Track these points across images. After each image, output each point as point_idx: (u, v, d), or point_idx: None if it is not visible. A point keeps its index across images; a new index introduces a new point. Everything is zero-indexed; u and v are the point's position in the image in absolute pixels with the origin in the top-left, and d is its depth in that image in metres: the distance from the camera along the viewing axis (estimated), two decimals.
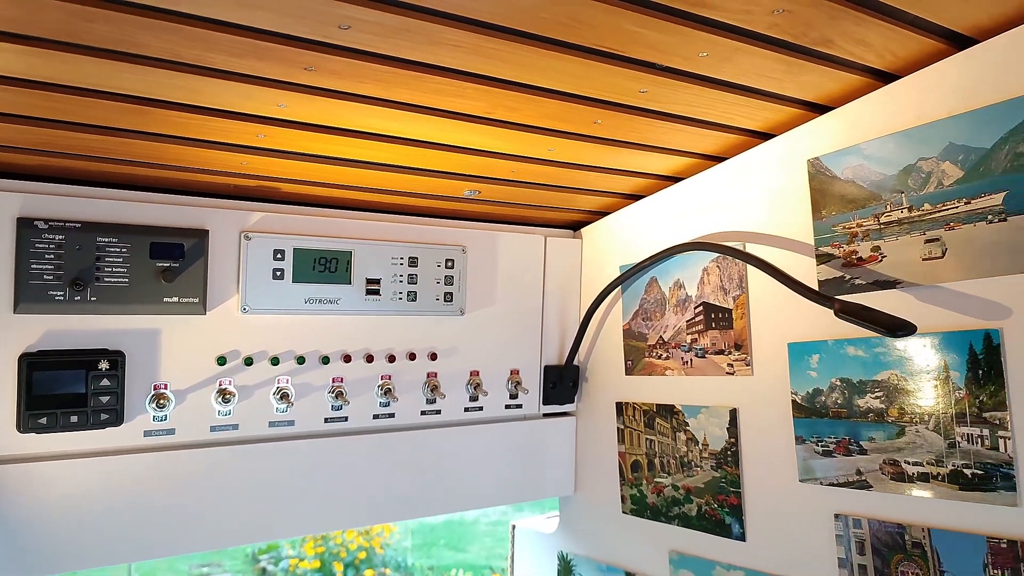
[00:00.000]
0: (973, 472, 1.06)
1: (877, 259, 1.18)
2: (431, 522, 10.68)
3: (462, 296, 1.58)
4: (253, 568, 9.09)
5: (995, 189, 1.05)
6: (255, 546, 9.41)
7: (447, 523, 10.60)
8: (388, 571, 8.01)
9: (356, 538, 8.17)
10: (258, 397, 1.36)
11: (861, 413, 1.20)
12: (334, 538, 8.10)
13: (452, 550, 9.72)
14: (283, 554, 8.76)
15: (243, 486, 1.35)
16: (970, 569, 1.05)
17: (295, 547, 8.45)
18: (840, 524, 1.22)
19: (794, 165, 1.31)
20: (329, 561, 7.93)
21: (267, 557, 9.04)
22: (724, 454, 1.41)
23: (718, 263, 1.45)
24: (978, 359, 1.06)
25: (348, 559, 8.00)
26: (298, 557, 8.16)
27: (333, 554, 8.01)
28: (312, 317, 1.41)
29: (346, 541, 8.10)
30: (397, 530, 9.05)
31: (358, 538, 8.18)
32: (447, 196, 1.53)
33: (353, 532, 8.23)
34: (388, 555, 8.45)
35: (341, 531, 8.15)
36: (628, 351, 1.64)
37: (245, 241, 1.34)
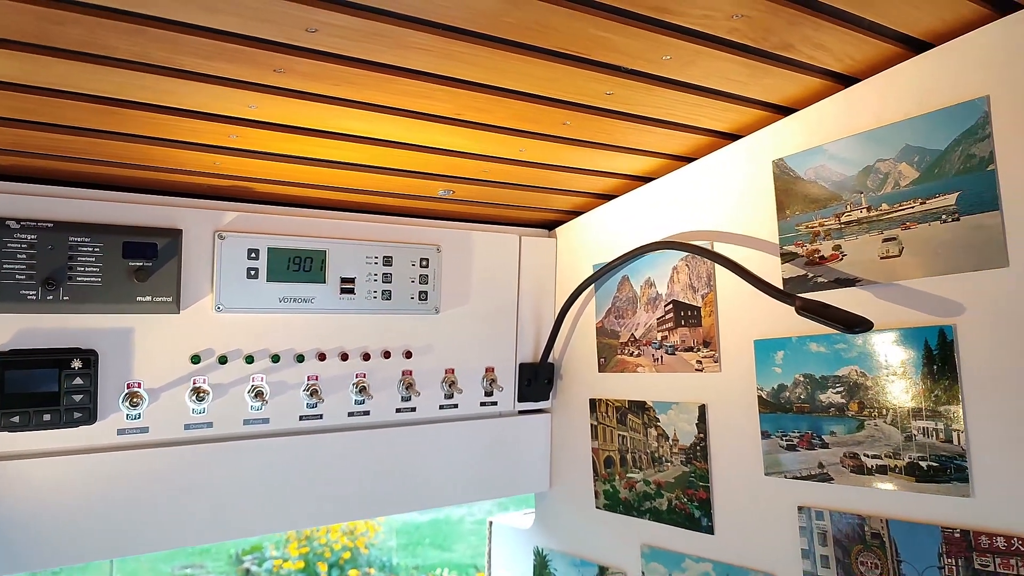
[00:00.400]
0: (928, 464, 1.09)
1: (838, 257, 1.21)
2: (416, 521, 10.67)
3: (437, 295, 1.59)
4: (237, 569, 9.04)
5: (949, 189, 1.08)
6: (239, 547, 9.37)
7: (432, 522, 10.60)
8: (373, 571, 8.00)
9: (341, 538, 8.15)
10: (233, 395, 1.37)
11: (823, 408, 1.23)
12: (318, 538, 8.09)
13: (437, 549, 9.72)
14: (267, 555, 8.72)
15: (218, 483, 1.36)
16: (925, 559, 1.09)
17: (279, 548, 8.42)
18: (803, 516, 1.25)
19: (760, 166, 1.34)
20: (313, 562, 7.92)
21: (251, 558, 9.00)
22: (693, 449, 1.44)
23: (687, 262, 1.48)
24: (933, 355, 1.09)
25: (332, 559, 7.98)
26: (282, 558, 8.13)
27: (317, 554, 7.99)
28: (287, 316, 1.43)
29: (330, 541, 8.08)
30: (382, 530, 9.04)
31: (343, 538, 8.17)
32: (421, 196, 1.55)
33: (337, 532, 8.21)
34: (373, 555, 8.43)
35: (323, 530, 8.13)
36: (601, 349, 1.66)
37: (219, 240, 1.35)
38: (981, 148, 1.05)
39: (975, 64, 1.05)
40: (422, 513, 11.13)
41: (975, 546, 1.03)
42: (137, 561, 9.38)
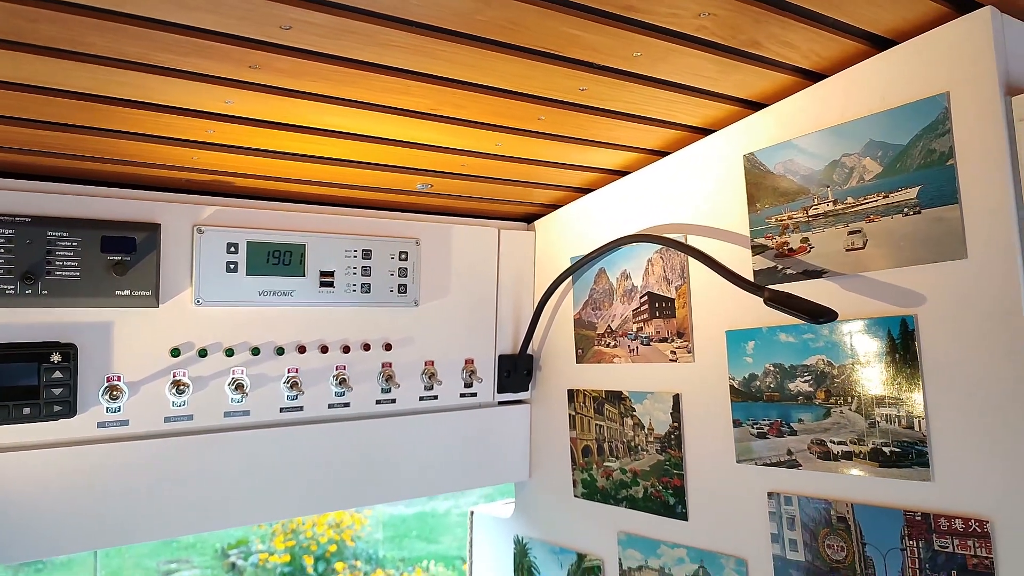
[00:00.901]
0: (891, 450, 1.13)
1: (806, 250, 1.25)
2: (403, 513, 10.69)
3: (416, 287, 1.61)
4: (222, 563, 9.03)
5: (910, 183, 1.11)
6: (224, 541, 9.35)
7: (419, 515, 10.62)
8: (359, 563, 8.02)
9: (327, 531, 8.16)
10: (213, 388, 1.39)
11: (792, 396, 1.26)
12: (304, 531, 8.09)
13: (424, 541, 9.75)
14: (253, 549, 8.71)
15: (199, 475, 1.37)
16: (888, 541, 1.12)
17: (265, 542, 8.42)
18: (773, 502, 1.28)
19: (731, 160, 1.36)
20: (299, 555, 7.92)
21: (236, 552, 8.99)
22: (668, 438, 1.47)
23: (662, 254, 1.50)
24: (895, 344, 1.13)
25: (319, 552, 7.99)
26: (268, 551, 8.13)
27: (303, 547, 7.99)
28: (266, 309, 1.44)
29: (316, 534, 8.08)
30: (368, 522, 9.05)
31: (328, 531, 8.17)
32: (400, 189, 1.57)
33: (323, 525, 8.22)
34: (359, 547, 8.45)
35: (309, 523, 8.14)
36: (579, 340, 1.69)
37: (198, 235, 1.36)
38: (941, 143, 1.08)
39: (936, 61, 1.08)
40: (408, 506, 11.16)
41: (935, 528, 1.07)
42: (121, 557, 9.36)
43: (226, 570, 8.81)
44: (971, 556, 1.03)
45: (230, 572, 8.71)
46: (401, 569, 7.93)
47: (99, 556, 7.81)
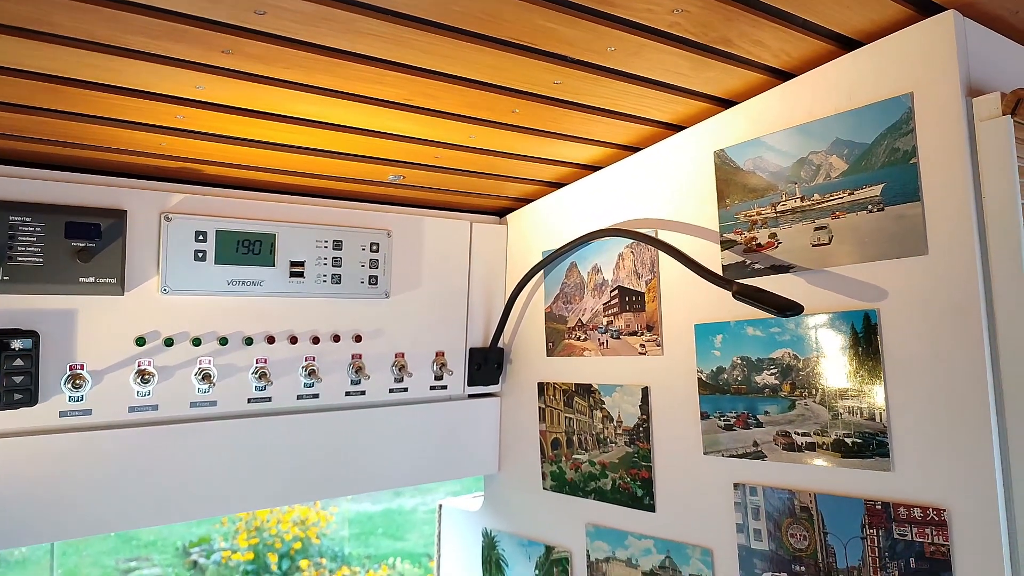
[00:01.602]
0: (853, 441, 1.15)
1: (774, 245, 1.27)
2: (369, 511, 10.63)
3: (387, 279, 1.61)
4: (184, 562, 8.89)
5: (875, 181, 1.14)
6: (185, 539, 9.21)
7: (386, 512, 10.57)
8: (324, 561, 7.95)
9: (292, 528, 8.07)
10: (179, 378, 1.37)
11: (758, 389, 1.29)
12: (268, 529, 7.99)
13: (391, 539, 9.70)
14: (215, 547, 8.59)
15: (163, 466, 1.35)
16: (849, 529, 1.15)
17: (228, 539, 8.30)
18: (739, 493, 1.31)
19: (702, 156, 1.38)
20: (263, 552, 7.82)
21: (198, 550, 8.85)
22: (637, 430, 1.49)
23: (632, 249, 1.52)
24: (858, 337, 1.15)
25: (283, 550, 7.90)
26: (231, 549, 8.03)
27: (268, 545, 7.90)
28: (235, 299, 1.43)
29: (281, 532, 8.00)
30: (334, 519, 8.98)
31: (293, 528, 8.09)
32: (372, 180, 1.56)
33: (288, 522, 8.13)
34: (324, 545, 8.37)
35: (274, 520, 8.05)
36: (549, 333, 1.70)
37: (165, 222, 1.34)
38: (905, 142, 1.11)
39: (900, 63, 1.11)
40: (375, 503, 11.10)
41: (894, 517, 1.10)
42: (78, 554, 9.15)
43: (188, 568, 8.68)
44: (929, 544, 1.06)
45: (192, 570, 8.58)
46: (367, 567, 7.88)
47: (56, 554, 7.64)
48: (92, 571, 8.61)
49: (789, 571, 1.23)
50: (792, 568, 1.22)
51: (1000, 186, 1.03)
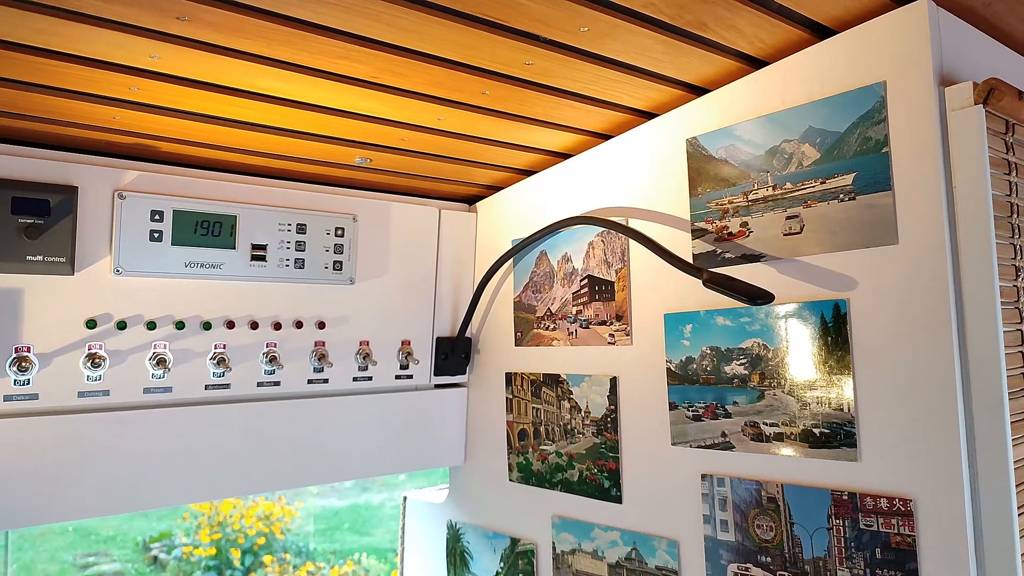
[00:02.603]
0: (821, 431, 1.15)
1: (745, 234, 1.26)
2: (335, 506, 10.52)
3: (352, 265, 1.57)
4: (144, 557, 8.71)
5: (847, 170, 1.13)
6: (145, 534, 9.03)
7: (352, 507, 10.47)
8: (288, 556, 7.84)
9: (255, 523, 7.95)
10: (132, 362, 1.32)
11: (727, 379, 1.27)
12: (231, 524, 7.86)
13: (356, 534, 9.61)
14: (176, 542, 8.43)
15: (115, 454, 1.30)
16: (816, 520, 1.14)
17: (189, 535, 8.15)
18: (706, 483, 1.29)
19: (674, 144, 1.37)
20: (226, 548, 7.69)
21: (159, 545, 8.68)
22: (604, 421, 1.47)
23: (603, 237, 1.50)
24: (828, 327, 1.14)
25: (246, 545, 7.78)
26: (192, 544, 7.88)
27: (230, 540, 7.77)
28: (193, 282, 1.37)
29: (244, 527, 7.87)
30: (299, 515, 8.87)
31: (257, 523, 7.96)
32: (337, 163, 1.52)
33: (252, 517, 8.00)
34: (289, 540, 8.26)
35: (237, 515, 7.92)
36: (518, 323, 1.67)
37: (119, 200, 1.29)
38: (877, 131, 1.10)
39: (873, 51, 1.10)
40: (341, 497, 10.99)
41: (861, 507, 1.09)
42: (35, 549, 8.93)
43: (148, 564, 8.51)
44: (895, 534, 1.06)
45: (152, 566, 8.42)
46: (332, 562, 7.80)
47: (11, 548, 7.44)
48: (49, 566, 8.40)
49: (755, 562, 1.22)
50: (758, 559, 1.21)
51: (971, 176, 1.03)
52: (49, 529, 9.59)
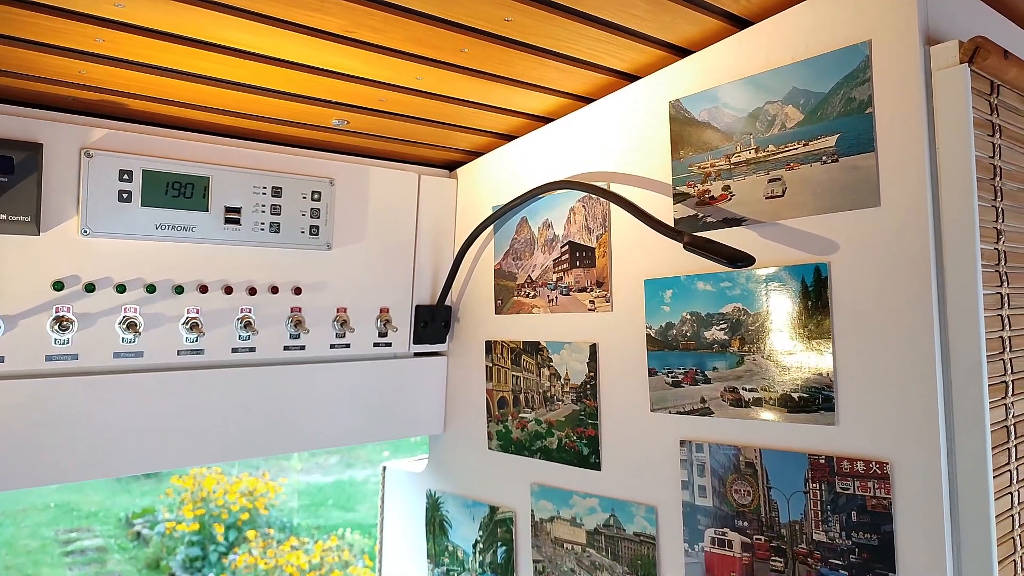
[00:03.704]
0: (799, 396, 1.14)
1: (727, 198, 1.24)
2: (320, 482, 10.54)
3: (329, 230, 1.54)
4: (127, 533, 8.70)
5: (830, 132, 1.12)
6: (128, 510, 9.01)
7: (337, 483, 10.50)
8: (272, 531, 7.86)
9: (239, 499, 7.95)
10: (101, 326, 1.28)
11: (707, 345, 1.26)
12: (215, 499, 7.86)
13: (341, 510, 9.65)
14: (159, 517, 8.42)
15: (85, 419, 1.27)
16: (793, 484, 1.14)
17: (172, 510, 8.14)
18: (685, 450, 1.29)
19: (657, 107, 1.34)
20: (209, 523, 7.69)
21: (142, 521, 8.68)
22: (584, 388, 1.46)
23: (584, 203, 1.48)
24: (808, 291, 1.13)
25: (230, 521, 7.78)
26: (176, 520, 7.88)
27: (214, 516, 7.77)
28: (164, 244, 1.34)
29: (228, 502, 7.87)
30: (283, 491, 8.88)
31: (241, 499, 7.97)
32: (314, 125, 1.48)
33: (236, 493, 8.00)
34: (273, 516, 8.28)
35: (220, 491, 7.92)
36: (498, 290, 1.65)
37: (86, 159, 1.25)
38: (861, 92, 1.08)
39: (858, 10, 1.08)
40: (326, 474, 11.02)
41: (837, 470, 1.09)
42: (16, 526, 8.89)
43: (131, 539, 8.50)
44: (871, 497, 1.06)
45: (135, 541, 8.42)
46: (316, 537, 7.82)
47: None
48: (31, 542, 8.37)
49: (732, 526, 1.21)
50: (735, 523, 1.21)
51: (955, 137, 1.01)
52: (31, 505, 9.54)
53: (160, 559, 7.74)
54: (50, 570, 7.72)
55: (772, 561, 1.16)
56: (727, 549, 1.23)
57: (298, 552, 6.63)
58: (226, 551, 7.42)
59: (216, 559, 7.39)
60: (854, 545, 1.07)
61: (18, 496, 9.60)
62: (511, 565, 1.59)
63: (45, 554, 8.18)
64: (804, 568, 1.12)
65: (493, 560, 1.63)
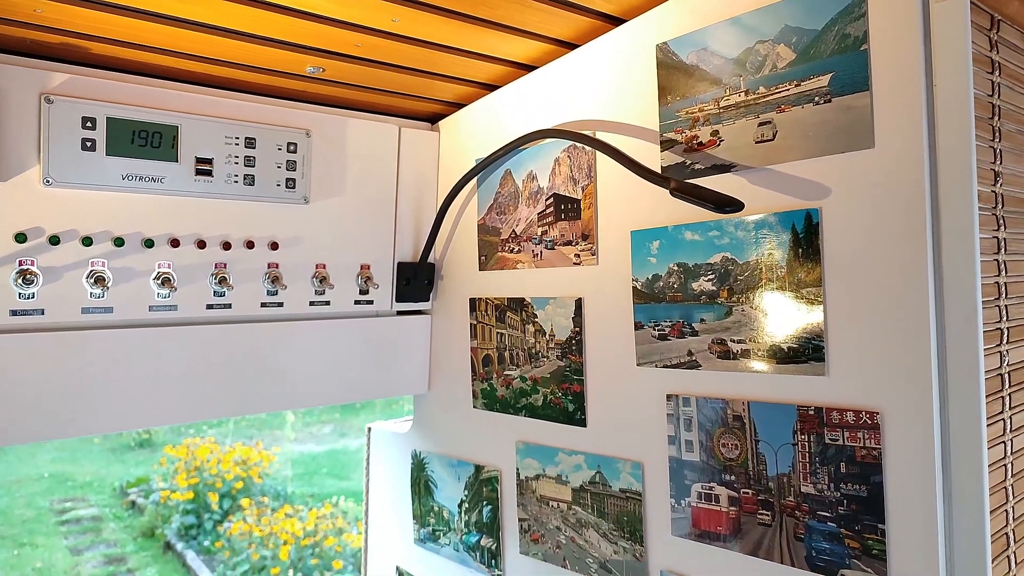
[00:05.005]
0: (789, 346, 1.11)
1: (716, 143, 1.19)
2: (313, 451, 10.59)
3: (306, 183, 1.49)
4: (122, 502, 8.74)
5: (823, 71, 1.07)
6: (122, 480, 9.04)
7: (330, 452, 10.54)
8: (266, 499, 7.89)
9: (233, 468, 7.98)
10: (68, 280, 1.24)
11: (695, 296, 1.23)
12: (208, 468, 7.88)
13: (335, 478, 9.70)
14: (154, 487, 8.45)
15: (51, 377, 1.23)
16: (781, 436, 1.11)
17: (167, 479, 8.17)
18: (672, 404, 1.26)
19: (643, 51, 1.29)
20: (204, 492, 7.72)
21: (136, 490, 8.71)
22: (569, 343, 1.42)
23: (569, 153, 1.43)
24: (799, 238, 1.10)
25: (224, 489, 7.81)
26: (170, 489, 7.90)
27: (208, 485, 7.80)
28: (131, 195, 1.29)
29: (222, 471, 7.90)
30: (276, 459, 8.91)
31: (235, 468, 8.00)
32: (287, 72, 1.42)
33: (229, 462, 8.03)
34: (267, 484, 8.32)
35: (214, 460, 7.94)
36: (482, 246, 1.61)
37: (46, 104, 1.19)
38: (855, 28, 1.03)
39: None
40: (319, 443, 11.06)
41: (827, 422, 1.06)
42: (11, 496, 8.91)
43: (126, 508, 8.54)
44: (860, 448, 1.03)
45: (130, 510, 8.45)
46: (310, 505, 7.86)
47: None
48: (26, 512, 8.40)
49: (719, 481, 1.19)
50: (722, 477, 1.19)
51: (953, 73, 0.97)
52: (25, 476, 9.56)
53: (155, 527, 7.79)
54: (45, 539, 7.75)
55: (759, 514, 1.14)
56: (714, 503, 1.20)
57: (292, 520, 6.66)
58: (221, 519, 7.46)
59: (211, 527, 7.43)
60: (843, 497, 1.05)
61: (12, 466, 9.61)
62: (496, 524, 1.57)
63: (40, 523, 8.22)
64: (791, 521, 1.10)
65: (479, 519, 1.61)
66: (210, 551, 7.03)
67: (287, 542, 6.24)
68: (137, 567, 7.08)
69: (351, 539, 6.42)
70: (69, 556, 7.26)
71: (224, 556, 6.61)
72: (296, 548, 6.19)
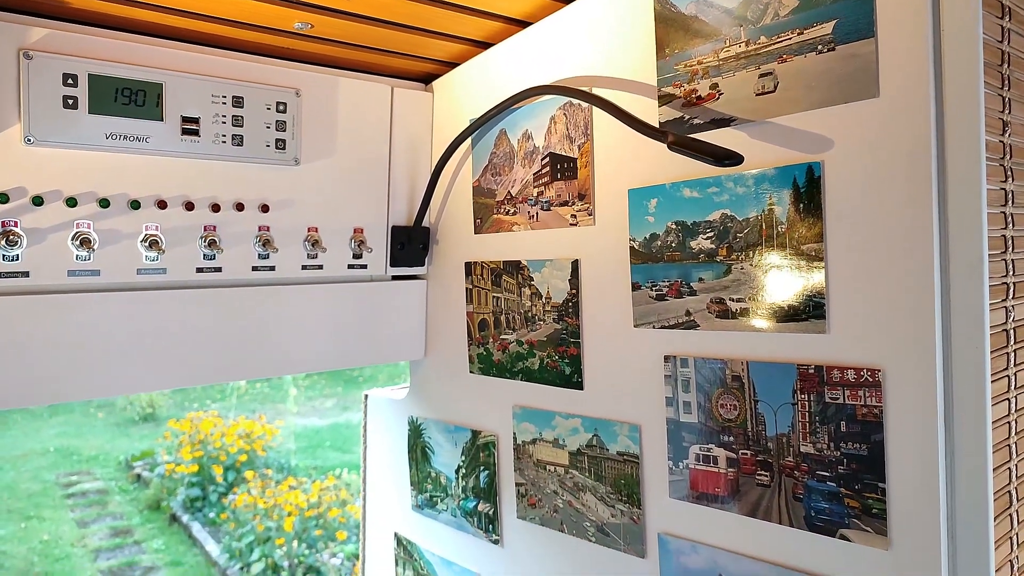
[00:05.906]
0: (789, 304, 1.08)
1: (715, 97, 1.16)
2: (316, 425, 10.65)
3: (297, 144, 1.45)
4: (127, 475, 8.81)
5: (827, 18, 1.03)
6: (127, 453, 9.10)
7: (333, 426, 10.60)
8: (270, 472, 7.95)
9: (236, 441, 8.03)
10: (53, 242, 1.21)
11: (693, 255, 1.20)
12: (212, 442, 7.93)
13: (338, 451, 9.76)
14: (158, 460, 8.52)
15: (37, 340, 1.21)
16: (781, 396, 1.09)
17: (171, 453, 8.22)
18: (669, 365, 1.24)
19: (641, 2, 1.25)
20: (208, 465, 7.78)
21: (141, 464, 8.78)
22: (566, 306, 1.40)
23: (565, 111, 1.39)
24: (800, 192, 1.06)
25: (228, 462, 7.87)
26: (175, 462, 7.96)
27: (212, 458, 7.85)
28: (116, 155, 1.26)
29: (226, 445, 7.95)
30: (280, 433, 8.96)
31: (238, 441, 8.05)
32: (275, 29, 1.38)
33: (233, 436, 8.08)
34: (271, 457, 8.38)
35: (218, 434, 7.99)
36: (477, 209, 1.58)
37: (25, 60, 1.16)
38: None
39: None
40: (322, 417, 11.11)
41: (827, 380, 1.04)
42: (16, 470, 8.98)
43: (131, 482, 8.61)
44: (861, 406, 1.01)
45: (135, 483, 8.53)
46: (313, 477, 7.92)
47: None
48: (32, 485, 8.48)
49: (717, 442, 1.17)
50: (720, 438, 1.17)
51: (962, 16, 0.93)
52: (31, 450, 9.63)
53: (161, 500, 7.86)
54: (52, 512, 7.83)
55: (758, 475, 1.12)
56: (712, 465, 1.19)
57: (296, 491, 6.71)
58: (226, 491, 7.52)
59: (216, 499, 7.50)
60: (843, 456, 1.03)
61: (17, 441, 9.67)
62: (494, 489, 1.56)
63: (47, 497, 8.30)
64: (791, 481, 1.08)
65: (476, 485, 1.60)
66: (215, 523, 7.10)
67: (291, 513, 6.29)
68: (144, 539, 7.15)
69: (354, 510, 6.47)
70: (76, 528, 7.34)
71: (229, 527, 6.67)
72: (300, 519, 6.25)
